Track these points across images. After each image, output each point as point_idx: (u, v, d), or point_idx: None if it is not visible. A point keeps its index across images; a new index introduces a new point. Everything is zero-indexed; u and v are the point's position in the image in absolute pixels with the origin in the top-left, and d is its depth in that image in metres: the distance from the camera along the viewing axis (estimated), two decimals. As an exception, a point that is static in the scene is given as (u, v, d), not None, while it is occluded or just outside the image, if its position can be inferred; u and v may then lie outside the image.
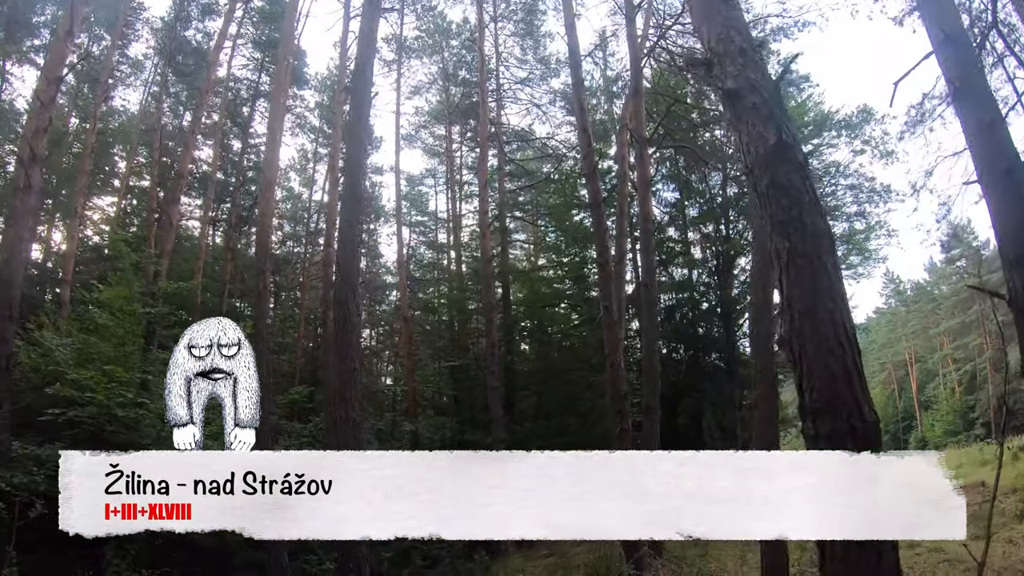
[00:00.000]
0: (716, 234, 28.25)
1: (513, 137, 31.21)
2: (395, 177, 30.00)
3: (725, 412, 24.98)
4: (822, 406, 4.49)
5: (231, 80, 29.01)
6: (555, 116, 31.95)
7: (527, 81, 31.20)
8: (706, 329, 28.47)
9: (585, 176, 16.14)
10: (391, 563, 15.42)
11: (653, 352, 17.18)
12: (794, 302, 4.85)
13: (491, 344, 23.31)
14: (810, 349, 4.66)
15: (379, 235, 36.52)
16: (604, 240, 15.53)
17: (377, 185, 35.68)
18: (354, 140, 12.16)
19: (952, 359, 59.40)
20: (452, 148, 33.47)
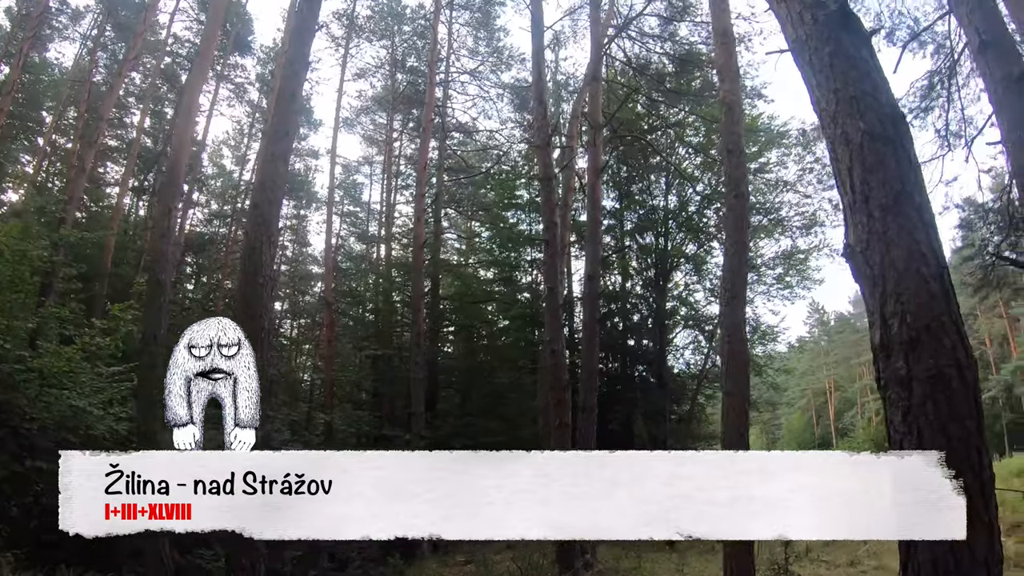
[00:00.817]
0: (654, 245, 27.62)
1: (456, 128, 30.15)
2: (331, 161, 28.64)
3: (656, 423, 24.37)
4: (918, 333, 3.51)
5: (171, 40, 27.14)
6: (502, 111, 31.06)
7: (477, 73, 30.23)
8: (637, 340, 27.93)
9: (538, 148, 15.29)
10: (297, 563, 14.18)
11: (594, 347, 16.58)
12: (873, 195, 3.83)
13: (417, 335, 22.25)
14: (898, 256, 3.67)
15: (309, 222, 35.09)
16: (552, 216, 14.69)
17: (312, 169, 34.23)
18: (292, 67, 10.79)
19: (871, 389, 61.65)
20: (392, 137, 32.17)
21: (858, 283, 3.93)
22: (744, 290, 10.43)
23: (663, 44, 22.26)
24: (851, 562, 13.73)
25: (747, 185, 11.03)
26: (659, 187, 28.12)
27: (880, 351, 3.68)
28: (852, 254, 3.89)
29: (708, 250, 28.23)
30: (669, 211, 27.60)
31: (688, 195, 27.83)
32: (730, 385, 9.72)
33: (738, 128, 10.85)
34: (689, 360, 29.36)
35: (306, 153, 33.17)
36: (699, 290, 28.76)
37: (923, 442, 3.43)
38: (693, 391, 26.71)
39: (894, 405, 3.57)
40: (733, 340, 9.88)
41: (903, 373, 3.52)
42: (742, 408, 9.64)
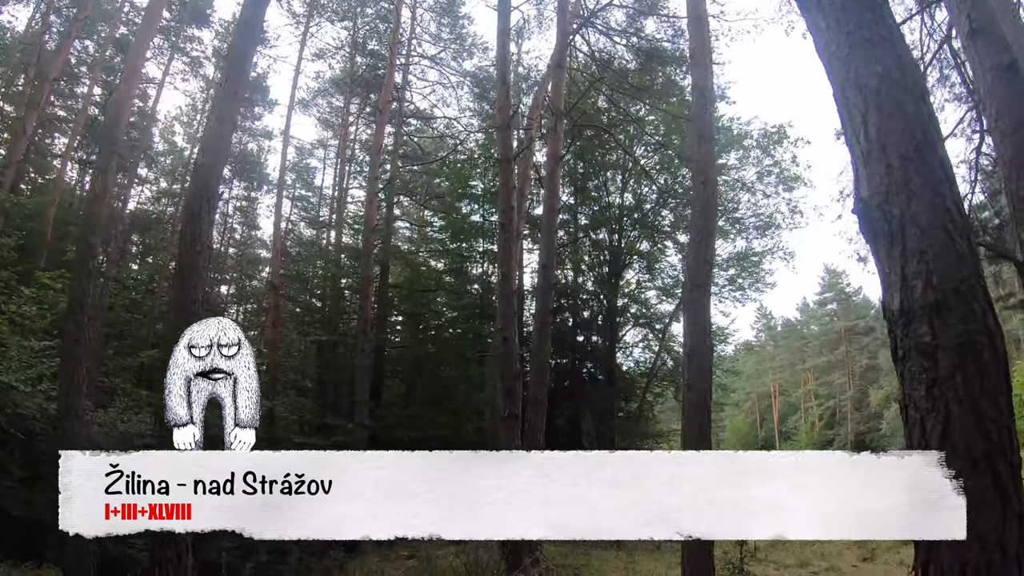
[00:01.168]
0: (607, 242, 27.37)
1: (414, 115, 29.48)
2: (284, 141, 27.69)
3: (604, 420, 24.14)
4: (945, 296, 3.08)
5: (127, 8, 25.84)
6: (461, 99, 30.47)
7: (439, 59, 29.59)
8: (587, 337, 27.67)
9: (498, 129, 14.81)
10: (234, 555, 13.48)
11: (545, 338, 16.21)
12: (891, 143, 3.39)
13: (364, 321, 21.62)
14: (920, 210, 3.23)
15: (260, 205, 34.01)
16: (510, 199, 14.20)
17: (265, 151, 33.12)
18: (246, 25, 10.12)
19: (815, 395, 63.37)
20: (348, 121, 31.31)
21: (871, 242, 3.47)
22: (710, 279, 10.05)
23: (628, 39, 21.92)
24: (801, 563, 13.56)
25: (715, 172, 10.68)
26: (615, 184, 27.81)
27: (899, 317, 3.21)
28: (867, 209, 3.41)
29: (662, 249, 28.10)
30: (624, 208, 27.30)
31: (644, 193, 27.64)
32: (692, 378, 9.30)
33: (709, 114, 10.55)
34: (638, 358, 29.15)
35: (260, 134, 32.08)
36: (651, 288, 28.58)
37: (950, 420, 2.99)
38: (642, 389, 26.46)
39: (914, 378, 3.12)
40: (697, 331, 9.46)
41: (927, 340, 3.07)
42: (704, 402, 9.21)
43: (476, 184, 27.65)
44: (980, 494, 2.93)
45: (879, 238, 3.35)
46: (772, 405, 68.19)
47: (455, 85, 29.59)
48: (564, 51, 17.64)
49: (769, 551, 13.88)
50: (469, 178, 27.49)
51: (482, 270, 28.43)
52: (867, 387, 59.77)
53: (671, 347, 27.15)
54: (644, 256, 27.90)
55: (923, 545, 3.12)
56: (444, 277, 28.61)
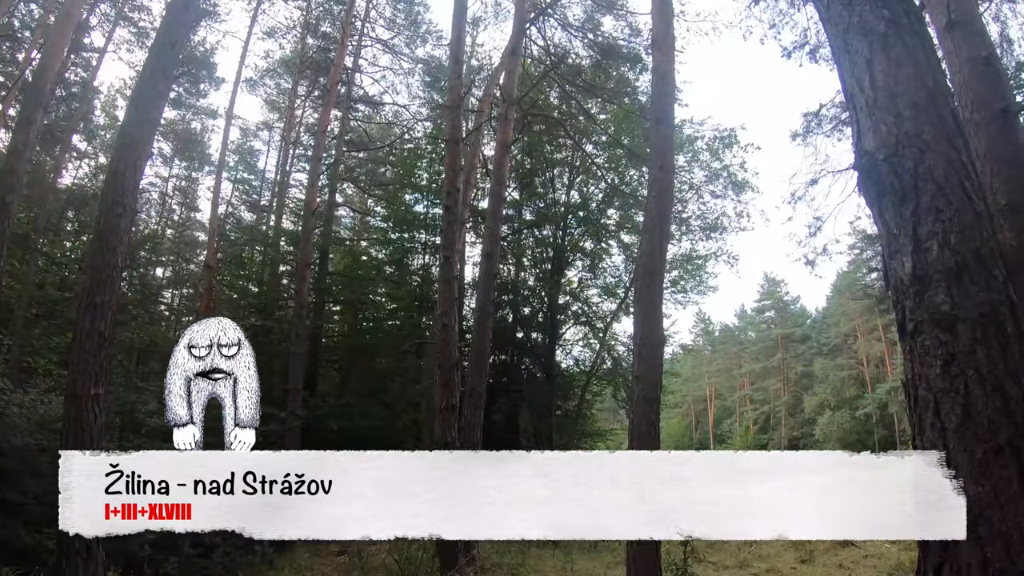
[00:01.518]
0: (551, 238, 27.05)
1: (363, 100, 28.67)
2: (226, 119, 26.56)
3: (541, 417, 23.59)
4: (965, 259, 2.70)
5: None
6: (412, 87, 29.71)
7: (392, 44, 28.80)
8: (526, 333, 27.31)
9: (447, 109, 14.39)
10: (156, 548, 12.67)
11: (486, 328, 15.75)
12: (902, 91, 3.03)
13: (300, 307, 20.89)
14: (936, 164, 2.88)
15: (200, 187, 32.68)
16: (455, 181, 13.71)
17: (208, 130, 31.83)
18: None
19: (750, 399, 64.65)
20: (295, 104, 30.28)
21: (874, 201, 3.07)
22: (663, 267, 9.67)
23: (585, 36, 21.60)
24: (740, 564, 13.38)
25: (673, 158, 10.31)
26: (562, 181, 27.48)
27: (910, 284, 2.81)
28: (871, 163, 3.02)
29: (606, 248, 27.84)
30: (570, 206, 26.99)
31: (590, 192, 27.37)
32: (642, 369, 8.87)
33: (669, 99, 10.19)
34: (578, 356, 28.86)
35: (204, 112, 30.77)
36: (593, 287, 28.33)
37: (971, 400, 2.60)
38: (581, 388, 26.19)
39: (928, 354, 2.72)
40: (649, 321, 9.04)
41: (946, 310, 2.69)
42: (653, 395, 8.77)
43: (421, 174, 27.10)
44: (1004, 486, 2.55)
45: (886, 195, 2.96)
46: (708, 408, 69.24)
47: (406, 72, 28.87)
48: (520, 38, 17.19)
49: (707, 552, 13.71)
50: (415, 167, 26.83)
51: (423, 262, 27.92)
52: (801, 393, 61.44)
53: (611, 346, 26.93)
54: (588, 254, 27.61)
55: (934, 545, 2.73)
56: (385, 267, 27.80)
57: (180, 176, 31.50)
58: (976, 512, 2.54)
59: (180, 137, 28.76)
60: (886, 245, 2.97)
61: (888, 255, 2.95)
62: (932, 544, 2.76)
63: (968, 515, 2.55)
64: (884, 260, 3.02)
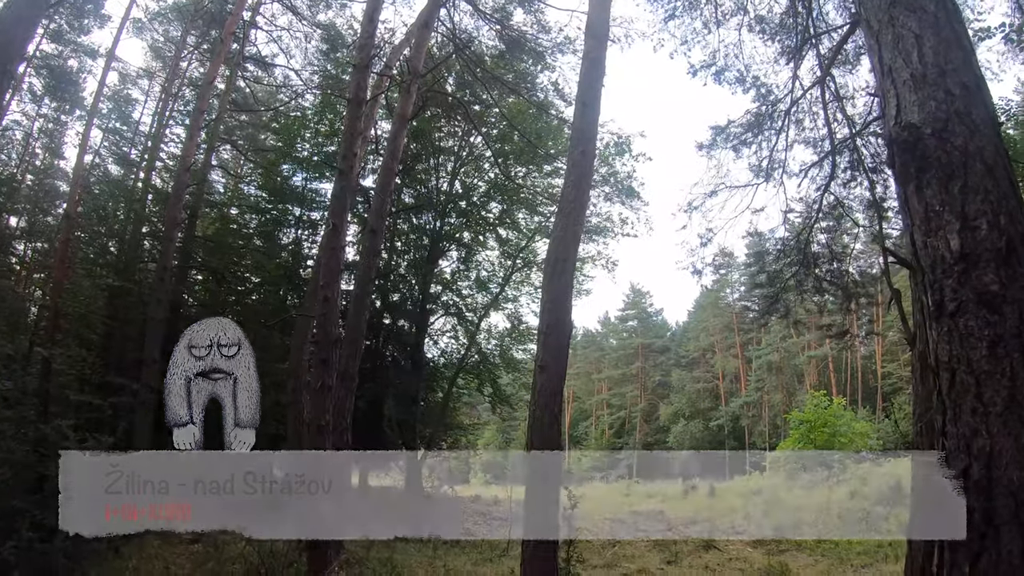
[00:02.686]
0: (429, 226, 26.75)
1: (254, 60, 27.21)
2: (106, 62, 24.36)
3: (406, 406, 23.67)
4: (1013, 239, 2.62)
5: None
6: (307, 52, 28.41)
7: (292, 5, 27.38)
8: (394, 321, 26.89)
9: (354, 68, 13.70)
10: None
11: (363, 309, 15.29)
12: (952, 70, 3.00)
13: (163, 268, 19.47)
14: (985, 144, 2.82)
15: (69, 131, 29.83)
16: (353, 144, 13.04)
17: (85, 71, 29.05)
18: None
19: (607, 404, 66.60)
20: (182, 54, 28.27)
21: (912, 176, 2.97)
22: (575, 254, 9.46)
23: (495, 25, 21.37)
24: (608, 564, 13.41)
25: (595, 145, 10.25)
26: (446, 170, 27.21)
27: (956, 262, 2.71)
28: (916, 136, 2.92)
29: (483, 241, 27.78)
30: (452, 195, 26.75)
31: (473, 183, 27.25)
32: (547, 357, 8.61)
33: (598, 85, 10.02)
34: (445, 347, 28.66)
35: (83, 50, 28.12)
36: (466, 279, 28.20)
37: (1017, 384, 2.51)
38: (449, 380, 25.97)
39: (972, 335, 2.62)
40: (557, 307, 8.83)
41: (995, 289, 2.60)
42: (558, 387, 8.54)
43: (304, 145, 26.15)
44: (1050, 474, 2.47)
45: (930, 170, 2.85)
46: (565, 410, 69.37)
47: (304, 36, 27.60)
48: (435, 10, 16.83)
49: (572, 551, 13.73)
50: (298, 137, 25.85)
51: (295, 236, 26.95)
52: (658, 402, 64.17)
53: (479, 342, 26.93)
54: (464, 245, 27.46)
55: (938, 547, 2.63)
56: (254, 240, 26.59)
57: (49, 118, 28.93)
58: (1020, 498, 2.45)
59: (55, 74, 26.42)
60: (924, 222, 2.87)
61: (926, 232, 2.85)
62: (946, 544, 2.66)
63: (1010, 501, 2.46)
64: (915, 238, 2.92)
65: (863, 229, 14.60)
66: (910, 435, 5.33)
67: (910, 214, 2.95)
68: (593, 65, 10.11)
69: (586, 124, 9.86)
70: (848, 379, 53.40)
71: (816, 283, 14.13)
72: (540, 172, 25.30)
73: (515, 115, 22.63)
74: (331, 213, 13.80)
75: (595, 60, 10.12)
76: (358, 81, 13.41)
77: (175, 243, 20.54)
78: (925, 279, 2.84)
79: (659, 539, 15.63)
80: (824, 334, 38.55)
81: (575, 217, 9.39)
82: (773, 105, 14.67)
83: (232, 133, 27.92)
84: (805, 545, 14.49)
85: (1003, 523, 2.46)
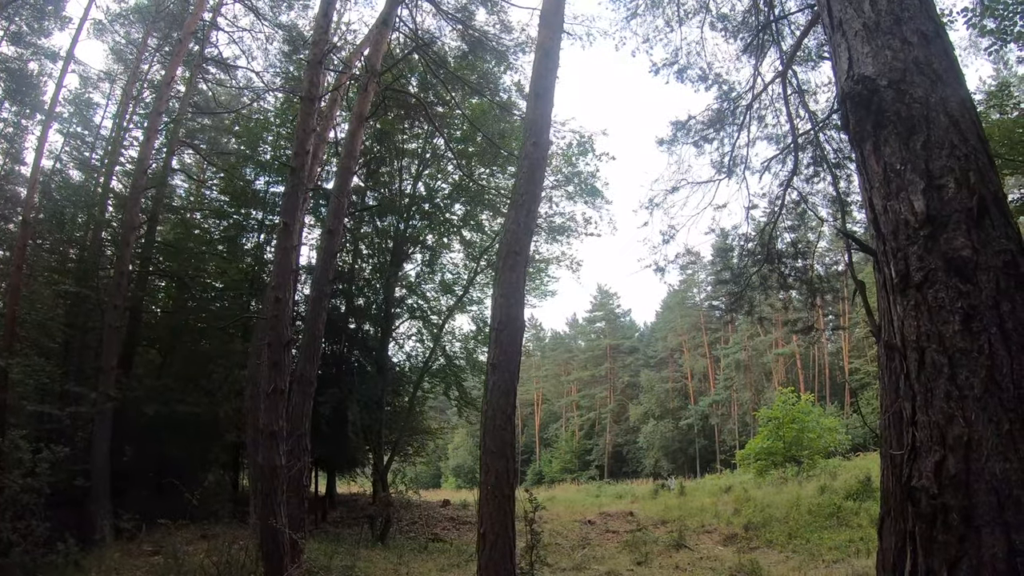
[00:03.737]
0: (392, 229, 26.32)
1: (215, 62, 26.58)
2: (64, 64, 23.66)
3: (371, 411, 22.96)
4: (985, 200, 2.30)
5: None
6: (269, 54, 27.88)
7: (254, 5, 26.79)
8: (359, 325, 26.43)
9: (308, 64, 13.28)
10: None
11: (321, 310, 14.86)
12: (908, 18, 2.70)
13: (120, 274, 18.81)
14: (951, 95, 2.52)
15: (29, 136, 29.00)
16: (306, 142, 12.59)
17: (46, 75, 28.29)
18: None
19: (577, 405, 66.67)
20: (143, 57, 27.58)
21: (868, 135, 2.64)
22: (528, 247, 9.08)
23: (457, 24, 21.04)
24: (576, 566, 13.08)
25: (548, 136, 9.89)
26: (410, 173, 26.80)
27: (923, 225, 2.38)
28: (870, 89, 2.60)
29: (447, 243, 27.48)
30: (415, 198, 26.34)
31: (437, 185, 26.88)
32: (499, 356, 8.21)
33: (551, 76, 9.76)
34: (410, 351, 28.26)
35: (44, 52, 27.36)
36: (431, 282, 27.87)
37: (996, 362, 2.19)
38: (414, 384, 25.56)
39: (944, 307, 2.30)
40: (509, 303, 8.44)
41: (966, 255, 2.28)
42: (510, 386, 8.13)
43: (266, 148, 25.62)
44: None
45: (887, 125, 2.53)
46: (535, 412, 70.55)
47: (267, 37, 27.05)
48: (394, 8, 16.42)
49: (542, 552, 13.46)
50: (259, 139, 25.31)
51: (258, 241, 26.37)
52: (627, 402, 64.36)
53: (444, 344, 26.60)
54: (428, 248, 27.11)
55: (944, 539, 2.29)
56: (217, 244, 25.96)
57: (9, 122, 28.14)
58: (1004, 493, 2.12)
59: (14, 77, 25.65)
60: (883, 184, 2.55)
61: (886, 195, 2.53)
62: (939, 537, 2.29)
63: (992, 498, 2.13)
64: (874, 203, 2.60)
65: (826, 223, 14.49)
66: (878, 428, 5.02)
67: (868, 176, 2.63)
68: (546, 55, 9.80)
69: (539, 115, 9.54)
70: (816, 375, 53.87)
71: (781, 279, 13.99)
72: (504, 173, 24.89)
73: (478, 116, 22.29)
74: (283, 212, 13.30)
75: (548, 50, 9.83)
76: (311, 77, 13.01)
77: (132, 248, 19.86)
78: (887, 249, 2.51)
79: (629, 540, 15.41)
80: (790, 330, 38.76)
81: (528, 209, 9.05)
82: (735, 101, 14.56)
83: (194, 136, 27.27)
84: (776, 542, 14.43)
85: (985, 524, 2.13)
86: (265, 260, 24.80)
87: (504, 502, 7.48)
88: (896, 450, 2.62)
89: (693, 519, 18.00)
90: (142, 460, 17.44)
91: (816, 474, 22.41)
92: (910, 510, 2.34)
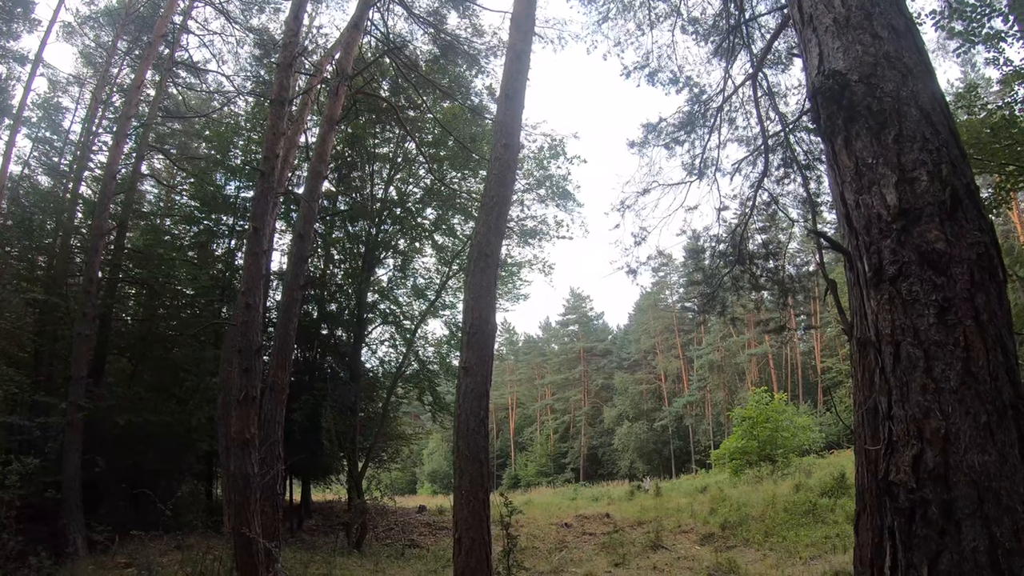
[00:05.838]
0: (364, 234, 26.19)
1: (185, 65, 26.25)
2: (33, 67, 23.28)
3: (345, 417, 22.77)
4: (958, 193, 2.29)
5: None
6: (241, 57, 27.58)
7: (225, 8, 26.48)
8: (331, 331, 26.27)
9: (278, 67, 13.14)
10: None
11: (292, 316, 14.62)
12: (879, 13, 2.73)
13: (90, 281, 18.43)
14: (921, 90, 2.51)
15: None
16: (276, 145, 12.42)
17: (14, 78, 27.77)
18: None
19: (552, 409, 66.73)
20: (112, 60, 27.16)
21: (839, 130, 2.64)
22: (499, 249, 9.04)
23: (428, 28, 20.98)
24: (554, 569, 13.04)
25: (519, 138, 9.89)
26: (381, 177, 26.66)
27: (896, 219, 2.37)
28: (840, 85, 2.59)
29: (419, 248, 27.39)
30: (387, 202, 26.21)
31: (408, 190, 26.76)
32: (471, 359, 8.16)
33: (522, 78, 9.75)
34: (383, 357, 28.10)
35: (12, 55, 26.86)
36: (403, 287, 27.76)
37: (972, 355, 2.19)
38: (387, 389, 25.41)
39: (918, 301, 2.29)
40: (480, 306, 8.40)
41: (940, 247, 2.27)
42: (483, 389, 8.10)
43: (237, 153, 25.38)
44: (1008, 452, 2.16)
45: (859, 120, 2.53)
46: (509, 416, 70.50)
47: (237, 41, 26.76)
48: (365, 11, 16.29)
49: (519, 556, 13.39)
50: (230, 144, 25.11)
51: (228, 247, 26.10)
52: (601, 405, 64.61)
53: (417, 350, 26.48)
54: (400, 253, 27.01)
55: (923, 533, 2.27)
56: (187, 251, 25.65)
57: (-24, 127, 27.59)
58: (983, 486, 2.12)
59: None
60: (855, 178, 2.54)
61: (858, 189, 2.52)
62: (919, 532, 2.27)
63: (972, 491, 2.12)
64: (846, 198, 2.59)
65: (797, 224, 14.60)
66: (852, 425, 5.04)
67: (839, 171, 2.63)
68: (517, 57, 9.81)
69: (509, 117, 9.51)
70: (788, 375, 54.33)
71: (752, 280, 14.06)
72: (476, 177, 24.84)
73: (449, 120, 22.25)
74: (252, 216, 13.14)
75: (520, 53, 9.83)
76: (281, 80, 12.89)
77: (101, 254, 19.52)
78: (860, 243, 2.50)
79: (606, 542, 15.41)
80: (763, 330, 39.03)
81: (499, 211, 9.03)
82: (706, 104, 14.61)
83: (164, 141, 26.86)
84: (753, 540, 14.49)
85: (965, 517, 2.12)
86: (236, 266, 24.52)
87: (479, 506, 7.44)
88: (871, 446, 2.59)
89: (670, 519, 18.04)
90: (114, 471, 17.14)
91: (791, 472, 22.56)
92: (888, 505, 2.33)
